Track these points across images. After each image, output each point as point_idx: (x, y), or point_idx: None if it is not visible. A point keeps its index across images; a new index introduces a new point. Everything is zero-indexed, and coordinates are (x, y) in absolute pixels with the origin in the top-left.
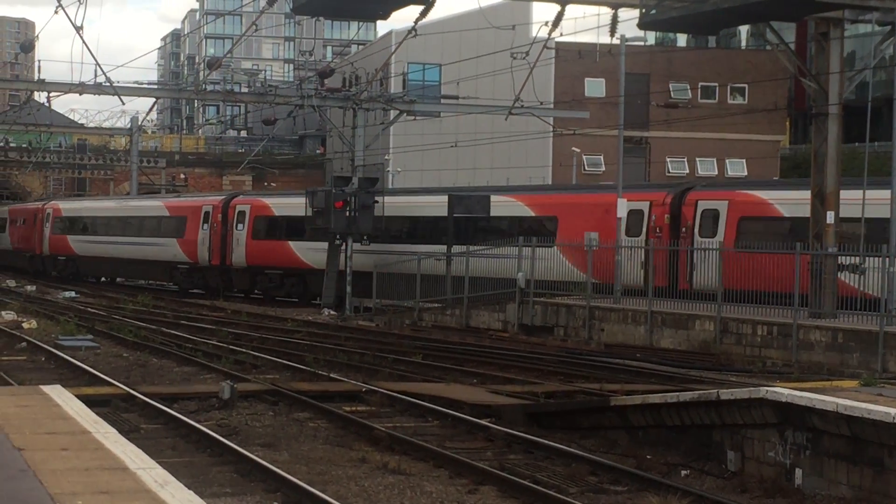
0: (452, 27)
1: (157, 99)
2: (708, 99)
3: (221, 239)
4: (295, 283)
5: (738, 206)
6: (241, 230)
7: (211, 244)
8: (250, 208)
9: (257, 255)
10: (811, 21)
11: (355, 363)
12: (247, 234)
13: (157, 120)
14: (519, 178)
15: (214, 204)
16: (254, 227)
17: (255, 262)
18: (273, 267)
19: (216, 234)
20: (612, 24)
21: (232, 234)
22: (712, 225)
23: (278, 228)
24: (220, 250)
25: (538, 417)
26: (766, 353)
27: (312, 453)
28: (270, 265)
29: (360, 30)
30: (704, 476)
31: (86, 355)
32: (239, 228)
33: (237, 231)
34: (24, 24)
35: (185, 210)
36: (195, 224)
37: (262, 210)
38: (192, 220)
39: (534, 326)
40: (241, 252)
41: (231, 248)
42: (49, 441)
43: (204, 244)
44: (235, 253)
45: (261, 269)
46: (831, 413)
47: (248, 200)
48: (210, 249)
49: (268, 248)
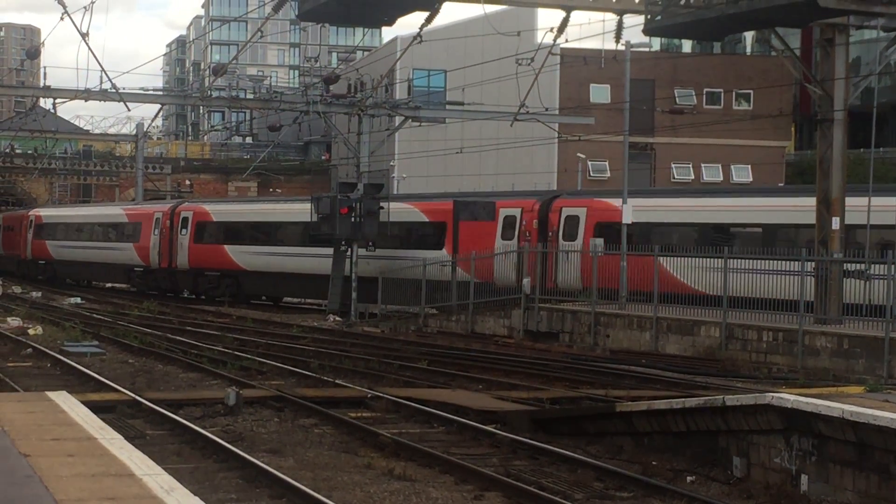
0: (457, 33)
1: (162, 105)
2: (713, 105)
3: (169, 243)
4: (230, 284)
5: (595, 212)
6: (185, 235)
7: (160, 248)
8: (193, 214)
9: (198, 258)
10: (816, 27)
11: (361, 369)
12: (189, 238)
13: (162, 126)
14: (524, 184)
15: (164, 211)
16: (195, 232)
17: (196, 264)
18: (212, 269)
19: (165, 238)
20: (617, 31)
21: (177, 239)
22: (574, 229)
23: (216, 233)
24: (168, 254)
25: (544, 423)
26: (771, 358)
27: (318, 459)
28: (209, 267)
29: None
30: (710, 482)
31: (91, 361)
32: (183, 233)
33: (181, 236)
34: (30, 31)
35: (140, 216)
36: (148, 230)
37: (202, 216)
38: (146, 226)
39: (539, 332)
40: (185, 255)
41: (176, 251)
42: (55, 447)
43: (155, 248)
44: (180, 256)
45: (202, 271)
46: (837, 419)
47: (191, 207)
48: (160, 253)
49: (207, 252)
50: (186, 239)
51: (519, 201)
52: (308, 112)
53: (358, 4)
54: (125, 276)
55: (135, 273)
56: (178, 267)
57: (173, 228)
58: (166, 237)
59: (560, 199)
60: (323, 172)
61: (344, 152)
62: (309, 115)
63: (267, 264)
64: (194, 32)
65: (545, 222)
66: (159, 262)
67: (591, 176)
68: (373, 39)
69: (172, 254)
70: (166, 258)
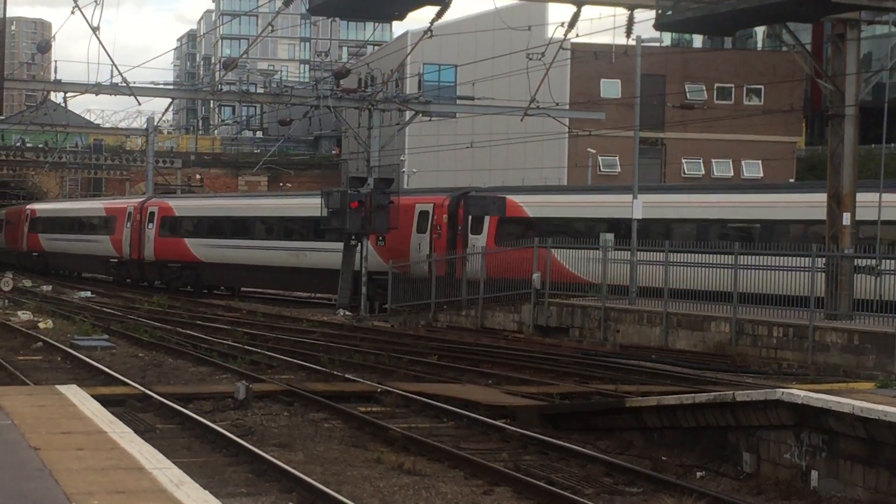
0: (468, 28)
1: (172, 99)
2: (724, 100)
3: (139, 236)
4: (189, 275)
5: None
6: (151, 228)
7: (131, 241)
8: (158, 209)
9: (162, 251)
10: (828, 22)
11: (370, 364)
12: (155, 231)
13: (172, 120)
14: (534, 179)
15: (135, 205)
16: (160, 226)
17: (160, 256)
18: (174, 261)
19: (135, 231)
20: (628, 25)
21: (144, 232)
22: (479, 224)
23: (177, 227)
24: (137, 246)
25: (553, 418)
26: (781, 354)
27: (328, 454)
28: (172, 259)
29: (376, 31)
30: (720, 478)
31: (101, 355)
32: (150, 227)
33: (148, 229)
34: (41, 25)
35: (116, 211)
36: (122, 223)
37: (166, 211)
38: (120, 220)
39: (549, 327)
40: (151, 248)
41: (143, 244)
42: (65, 441)
43: (126, 241)
44: (147, 248)
45: (165, 263)
46: (847, 415)
47: (157, 203)
48: (131, 245)
49: (170, 244)
50: (153, 232)
51: (432, 197)
52: (318, 106)
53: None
54: (102, 266)
55: (111, 264)
56: (145, 258)
57: (142, 222)
58: (136, 230)
59: (468, 196)
60: (333, 167)
61: (354, 147)
62: (319, 109)
63: (222, 256)
64: (205, 27)
65: (455, 217)
66: (130, 254)
67: (601, 171)
68: (383, 34)
69: (141, 246)
70: (136, 250)
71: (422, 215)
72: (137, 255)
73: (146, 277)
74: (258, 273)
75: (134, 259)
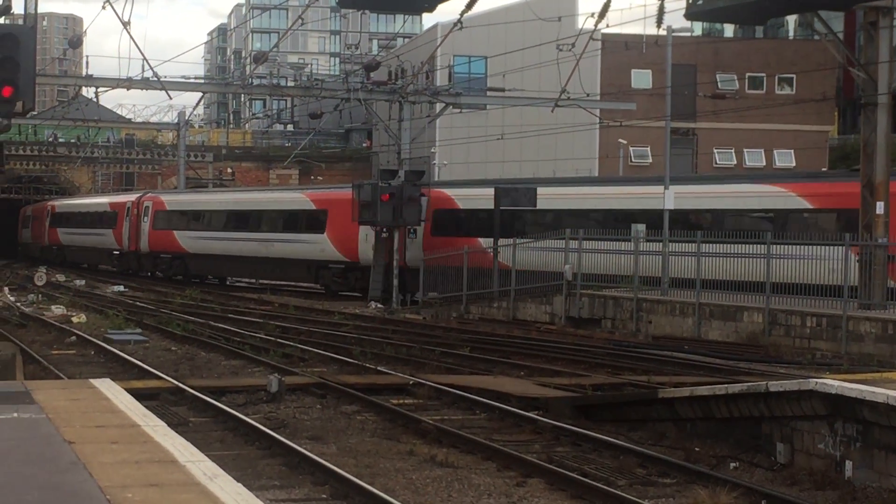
0: (498, 19)
1: (203, 93)
2: (755, 89)
3: (136, 229)
4: (179, 265)
5: (434, 201)
6: (146, 222)
7: (129, 234)
8: (152, 204)
9: (155, 242)
10: (860, 10)
11: (402, 356)
12: (149, 225)
13: (203, 114)
14: (565, 170)
15: (133, 200)
16: (153, 220)
17: (154, 248)
18: (165, 252)
19: (133, 225)
20: (658, 15)
21: (140, 225)
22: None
23: (168, 220)
24: (135, 238)
25: (586, 410)
26: (815, 344)
27: (360, 446)
28: (163, 250)
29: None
30: (753, 468)
31: (134, 349)
32: (145, 221)
33: (143, 223)
34: (73, 20)
35: (117, 206)
36: (122, 217)
37: (159, 206)
38: (121, 214)
39: (581, 319)
40: (146, 240)
41: (140, 236)
42: (99, 434)
43: (125, 234)
44: (142, 241)
45: (158, 254)
46: (882, 405)
47: (151, 198)
48: (129, 238)
49: (161, 237)
50: (147, 225)
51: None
52: (349, 99)
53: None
54: (106, 258)
55: (113, 256)
56: (140, 250)
57: (139, 216)
58: (134, 224)
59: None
60: (364, 159)
61: (385, 139)
62: (350, 102)
63: (206, 247)
64: (235, 20)
65: None
66: (129, 246)
67: (632, 162)
68: (413, 26)
69: (137, 238)
70: (134, 242)
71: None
72: (135, 246)
73: (143, 267)
74: (236, 263)
75: (132, 251)
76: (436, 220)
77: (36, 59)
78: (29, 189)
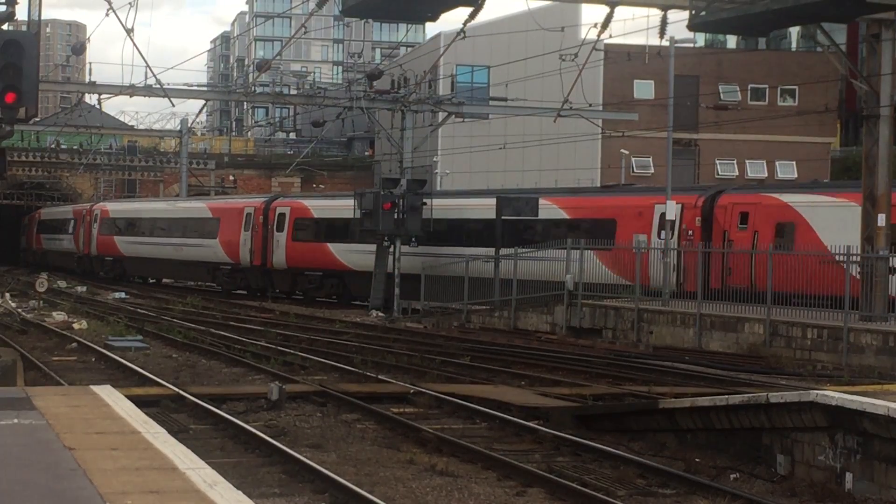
0: (501, 29)
1: (206, 101)
2: (758, 101)
3: (88, 235)
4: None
5: (295, 211)
6: (95, 228)
7: (84, 239)
8: (100, 212)
9: (101, 247)
10: (863, 22)
11: (403, 365)
12: (98, 230)
13: (206, 122)
14: (567, 180)
15: (87, 208)
16: (101, 226)
17: (100, 251)
18: (109, 255)
19: (86, 231)
20: (661, 26)
21: (91, 231)
22: (283, 223)
23: (112, 226)
24: (87, 243)
25: (586, 420)
26: (815, 356)
27: (360, 454)
28: (108, 254)
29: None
30: (753, 479)
31: (135, 356)
32: (95, 227)
33: (94, 229)
34: (76, 27)
35: (77, 213)
36: (79, 223)
37: (105, 213)
38: (79, 221)
39: (582, 328)
40: (95, 244)
41: (90, 241)
42: (99, 441)
43: (81, 239)
44: (92, 245)
45: (103, 257)
46: (882, 417)
47: (99, 206)
48: (84, 243)
49: (106, 242)
50: (95, 231)
51: (251, 202)
52: (351, 108)
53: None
54: (70, 260)
55: (73, 258)
56: (92, 253)
57: (91, 223)
58: (87, 230)
59: (276, 201)
60: (366, 168)
61: (387, 148)
62: (352, 110)
63: (137, 251)
64: (238, 28)
65: (266, 218)
66: (83, 250)
67: (634, 172)
68: (416, 35)
69: (89, 243)
70: (87, 246)
71: (247, 216)
72: (87, 250)
73: (94, 269)
74: (157, 265)
75: (85, 254)
76: (296, 228)
77: (39, 65)
78: (31, 195)
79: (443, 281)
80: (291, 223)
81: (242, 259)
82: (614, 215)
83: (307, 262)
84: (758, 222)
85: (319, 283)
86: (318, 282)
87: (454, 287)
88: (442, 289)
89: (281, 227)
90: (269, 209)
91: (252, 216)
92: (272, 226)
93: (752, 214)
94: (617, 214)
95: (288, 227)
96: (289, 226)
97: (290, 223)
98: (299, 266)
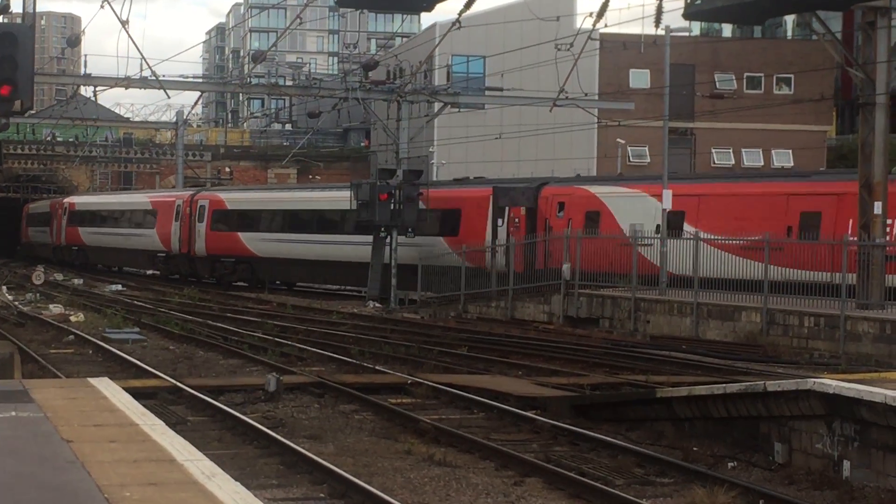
0: (497, 19)
1: (202, 92)
2: (754, 89)
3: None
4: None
5: (212, 203)
6: (64, 219)
7: (54, 230)
8: (68, 205)
9: (69, 237)
10: (858, 10)
11: (401, 355)
12: (66, 222)
13: (202, 114)
14: (564, 170)
15: (59, 201)
16: (68, 218)
17: (68, 241)
18: (74, 245)
19: (58, 222)
20: (657, 15)
21: (61, 222)
22: (203, 214)
23: (75, 218)
24: (58, 233)
25: (584, 409)
26: (813, 344)
27: (358, 445)
28: (74, 243)
29: (404, 22)
30: (751, 468)
31: (133, 348)
32: (63, 219)
33: (63, 220)
34: (71, 19)
35: (52, 207)
36: (52, 217)
37: (71, 206)
38: (53, 214)
39: (579, 318)
40: (63, 235)
41: (59, 232)
42: (97, 433)
43: (54, 230)
44: (61, 235)
45: (70, 247)
46: (879, 404)
47: (69, 200)
48: (54, 234)
49: (71, 232)
50: (64, 222)
51: (181, 194)
52: (347, 99)
53: None
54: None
55: (48, 248)
56: (62, 244)
57: (61, 216)
58: (59, 222)
59: (198, 194)
60: (362, 159)
61: (383, 139)
62: (348, 101)
63: (98, 240)
64: (234, 19)
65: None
66: (55, 241)
67: (630, 161)
68: (411, 25)
69: (59, 234)
70: (58, 237)
71: (177, 208)
72: (59, 241)
73: (62, 258)
74: (112, 253)
75: (58, 244)
76: (214, 218)
77: (34, 57)
78: (27, 188)
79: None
80: (210, 214)
81: (173, 247)
82: (459, 206)
83: (223, 249)
84: (572, 211)
85: (233, 269)
86: (231, 268)
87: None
88: (438, 279)
89: (201, 217)
90: (193, 201)
91: (181, 208)
92: (195, 217)
93: (567, 204)
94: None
95: (207, 217)
96: (207, 217)
97: (209, 214)
98: (216, 253)
